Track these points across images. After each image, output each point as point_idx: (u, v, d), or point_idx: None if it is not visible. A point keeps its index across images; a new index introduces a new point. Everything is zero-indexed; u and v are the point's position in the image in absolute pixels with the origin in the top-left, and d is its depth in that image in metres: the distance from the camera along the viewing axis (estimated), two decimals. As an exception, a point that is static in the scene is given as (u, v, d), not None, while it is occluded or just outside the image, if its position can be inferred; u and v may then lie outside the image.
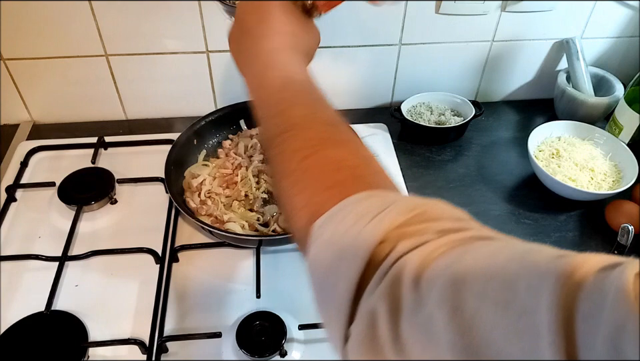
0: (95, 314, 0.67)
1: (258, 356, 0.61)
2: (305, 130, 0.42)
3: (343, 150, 0.40)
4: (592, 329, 0.21)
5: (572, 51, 0.96)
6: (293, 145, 0.41)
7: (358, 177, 0.38)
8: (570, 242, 0.79)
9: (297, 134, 0.41)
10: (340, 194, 0.35)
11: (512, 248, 0.27)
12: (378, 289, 0.29)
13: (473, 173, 0.91)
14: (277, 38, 0.51)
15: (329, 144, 0.40)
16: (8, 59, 0.89)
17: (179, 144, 0.82)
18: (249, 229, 0.76)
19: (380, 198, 0.34)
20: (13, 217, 0.80)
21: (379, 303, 0.29)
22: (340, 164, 0.39)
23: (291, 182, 0.40)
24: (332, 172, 0.38)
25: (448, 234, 0.31)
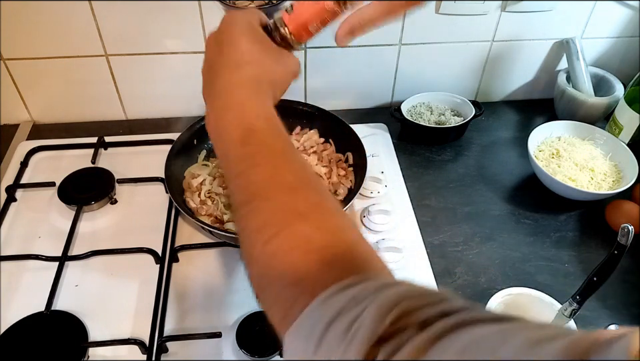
0: (95, 314, 0.67)
1: (258, 356, 0.61)
2: (265, 201, 0.39)
3: (306, 225, 0.37)
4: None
5: (572, 51, 0.96)
6: (254, 223, 0.38)
7: (326, 263, 0.35)
8: (570, 242, 0.79)
9: (257, 208, 0.39)
10: (308, 288, 0.33)
11: (507, 336, 0.24)
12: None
13: (472, 173, 0.91)
14: (238, 71, 0.47)
15: (291, 218, 0.37)
16: (8, 59, 0.89)
17: (179, 144, 0.82)
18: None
19: (350, 295, 0.31)
20: (13, 217, 0.80)
21: None
22: (305, 248, 0.36)
23: (257, 272, 0.37)
24: (297, 260, 0.35)
25: (429, 325, 0.27)
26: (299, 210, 0.38)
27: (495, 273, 0.75)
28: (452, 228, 0.81)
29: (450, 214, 0.83)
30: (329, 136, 0.89)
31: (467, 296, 0.71)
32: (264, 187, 0.40)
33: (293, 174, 0.41)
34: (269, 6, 0.86)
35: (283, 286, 0.35)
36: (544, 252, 0.78)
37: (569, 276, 0.75)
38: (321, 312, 0.31)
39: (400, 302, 0.29)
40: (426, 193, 0.87)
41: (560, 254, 0.78)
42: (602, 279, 0.55)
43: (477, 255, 0.77)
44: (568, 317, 0.58)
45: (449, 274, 0.74)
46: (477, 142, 0.98)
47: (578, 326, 0.59)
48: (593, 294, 0.56)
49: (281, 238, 0.36)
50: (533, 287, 0.63)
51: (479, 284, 0.73)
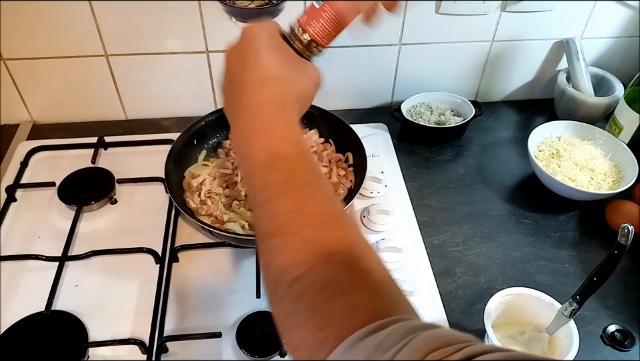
0: (95, 314, 0.67)
1: (258, 356, 0.61)
2: (292, 237, 0.37)
3: (334, 267, 0.36)
4: None
5: (572, 51, 0.96)
6: (279, 261, 0.37)
7: (352, 308, 0.34)
8: (570, 242, 0.79)
9: (283, 244, 0.37)
10: (333, 335, 0.32)
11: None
12: None
13: (472, 173, 0.91)
14: (263, 89, 0.44)
15: (319, 257, 0.36)
16: (8, 59, 0.89)
17: (179, 144, 0.82)
18: (249, 229, 0.76)
19: (375, 344, 0.30)
20: (13, 217, 0.80)
21: None
22: (332, 290, 0.35)
23: (282, 312, 0.37)
24: (323, 304, 0.34)
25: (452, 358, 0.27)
26: (327, 249, 0.36)
27: (495, 273, 0.75)
28: (452, 228, 0.81)
29: (450, 214, 0.83)
30: (329, 136, 0.89)
31: (466, 296, 0.71)
32: (290, 221, 0.38)
33: (321, 206, 0.40)
34: (268, 6, 0.86)
35: (308, 330, 0.34)
36: (544, 252, 0.78)
37: (569, 276, 0.75)
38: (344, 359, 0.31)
39: (428, 352, 0.28)
40: (426, 193, 0.87)
41: (560, 254, 0.78)
42: (602, 279, 0.55)
43: (477, 255, 0.77)
44: (568, 317, 0.58)
45: (449, 274, 0.74)
46: (477, 142, 0.98)
47: (578, 326, 0.59)
48: (592, 294, 0.56)
49: (307, 280, 0.35)
50: (533, 287, 0.63)
51: (479, 284, 0.73)
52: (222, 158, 0.86)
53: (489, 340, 0.59)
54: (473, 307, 0.70)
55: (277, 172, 0.40)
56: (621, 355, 0.66)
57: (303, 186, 0.40)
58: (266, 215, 0.39)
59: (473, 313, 0.69)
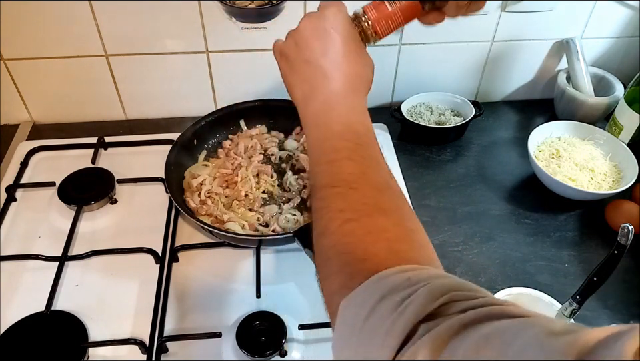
0: (95, 314, 0.67)
1: (258, 356, 0.61)
2: (353, 190, 0.42)
3: (385, 219, 0.40)
4: None
5: (572, 51, 0.96)
6: (337, 204, 0.41)
7: (394, 252, 0.38)
8: (570, 242, 0.79)
9: (343, 193, 0.42)
10: (373, 267, 0.36)
11: (526, 326, 0.27)
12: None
13: (472, 173, 0.91)
14: (342, 80, 0.49)
15: (373, 211, 0.41)
16: (8, 59, 0.89)
17: (179, 144, 0.82)
18: (249, 229, 0.76)
19: (406, 277, 0.34)
20: (13, 217, 0.80)
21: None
22: (379, 236, 0.39)
23: (329, 242, 0.40)
24: (370, 243, 0.38)
25: (466, 311, 0.30)
26: (382, 206, 0.41)
27: (495, 273, 0.75)
28: (452, 228, 0.81)
29: (450, 214, 0.83)
30: None
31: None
32: (354, 179, 0.43)
33: (381, 178, 0.44)
34: (268, 6, 0.86)
35: (349, 260, 0.38)
36: (544, 252, 0.78)
37: (569, 276, 0.75)
38: (377, 286, 0.34)
39: (450, 291, 0.32)
40: (426, 193, 0.87)
41: (560, 254, 0.78)
42: (602, 279, 0.55)
43: (477, 255, 0.77)
44: (568, 317, 0.58)
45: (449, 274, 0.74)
46: (477, 142, 0.98)
47: (578, 326, 0.59)
48: (592, 294, 0.56)
49: (360, 223, 0.39)
50: (533, 287, 0.63)
51: (479, 284, 0.73)
52: (222, 158, 0.86)
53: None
54: (472, 307, 0.70)
55: (348, 141, 0.46)
56: (621, 355, 0.65)
57: (367, 158, 0.45)
58: (331, 170, 0.44)
59: (472, 313, 0.69)
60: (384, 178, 0.45)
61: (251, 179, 0.81)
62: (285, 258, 0.75)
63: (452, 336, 0.28)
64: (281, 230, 0.75)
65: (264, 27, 0.89)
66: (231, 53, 0.93)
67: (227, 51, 0.92)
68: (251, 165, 0.83)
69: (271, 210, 0.78)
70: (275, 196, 0.81)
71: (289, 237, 0.71)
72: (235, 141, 0.89)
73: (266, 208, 0.78)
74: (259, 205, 0.79)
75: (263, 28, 0.89)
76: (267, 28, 0.89)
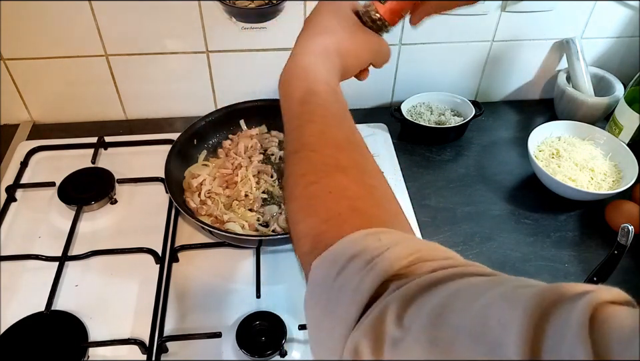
0: (95, 314, 0.67)
1: (258, 356, 0.61)
2: (313, 152, 0.43)
3: (346, 178, 0.41)
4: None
5: (572, 51, 0.96)
6: (300, 169, 0.43)
7: (356, 209, 0.39)
8: (570, 242, 0.79)
9: (305, 157, 0.43)
10: (337, 227, 0.37)
11: (494, 283, 0.28)
12: (362, 325, 0.30)
13: (472, 173, 0.91)
14: (312, 38, 0.52)
15: (333, 170, 0.42)
16: (8, 59, 0.89)
17: (179, 144, 0.82)
18: (249, 229, 0.76)
19: (377, 238, 0.35)
20: (13, 217, 0.80)
21: (362, 338, 0.30)
22: (341, 194, 0.40)
23: (295, 207, 0.42)
24: (332, 202, 0.39)
25: (436, 271, 0.32)
26: (341, 164, 0.42)
27: (495, 273, 0.75)
28: (452, 228, 0.81)
29: (450, 214, 0.83)
30: None
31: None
32: (313, 141, 0.44)
33: (341, 134, 0.45)
34: (268, 6, 0.86)
35: (315, 222, 0.39)
36: (544, 252, 0.78)
37: (569, 276, 0.74)
38: (346, 247, 0.35)
39: (420, 250, 0.33)
40: (426, 193, 0.87)
41: (560, 254, 0.78)
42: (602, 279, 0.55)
43: (477, 255, 0.77)
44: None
45: (449, 274, 0.74)
46: (477, 142, 0.98)
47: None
48: (592, 294, 0.56)
49: (321, 184, 0.41)
50: (533, 287, 0.63)
51: (479, 284, 0.73)
52: (222, 158, 0.86)
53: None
54: (472, 307, 0.70)
55: (309, 105, 0.47)
56: (621, 355, 0.65)
57: (328, 117, 0.46)
58: (295, 137, 0.46)
59: (472, 313, 0.69)
60: (345, 134, 0.45)
61: (251, 179, 0.81)
62: (285, 258, 0.75)
63: (421, 293, 0.29)
64: (281, 230, 0.75)
65: (264, 27, 0.89)
66: (230, 53, 0.93)
67: (227, 51, 0.92)
68: (251, 165, 0.83)
69: (271, 210, 0.78)
70: (275, 196, 0.81)
71: (289, 237, 0.71)
72: (235, 141, 0.89)
73: (266, 208, 0.78)
74: (259, 205, 0.79)
75: (262, 28, 0.89)
76: (267, 28, 0.89)
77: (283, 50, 0.93)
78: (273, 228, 0.76)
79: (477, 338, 0.25)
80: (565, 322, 0.22)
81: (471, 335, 0.25)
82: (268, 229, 0.76)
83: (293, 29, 0.90)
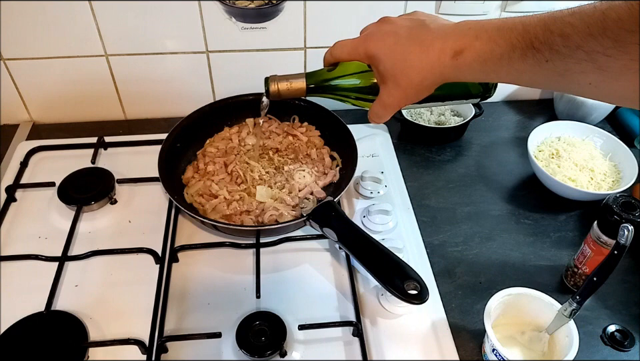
0: (95, 314, 0.67)
1: (258, 356, 0.61)
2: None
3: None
4: None
5: (572, 51, 0.96)
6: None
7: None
8: (570, 242, 0.79)
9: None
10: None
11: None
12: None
13: (472, 173, 0.91)
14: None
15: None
16: (8, 59, 0.89)
17: (170, 140, 0.83)
18: (279, 204, 0.78)
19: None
20: (13, 217, 0.80)
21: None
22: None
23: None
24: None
25: None
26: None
27: (495, 273, 0.75)
28: (452, 228, 0.81)
29: (450, 214, 0.83)
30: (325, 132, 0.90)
31: (466, 295, 0.71)
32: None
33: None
34: (268, 6, 0.86)
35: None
36: (544, 252, 0.78)
37: (569, 276, 0.74)
38: None
39: None
40: (426, 193, 0.87)
41: (560, 254, 0.78)
42: (602, 279, 0.55)
43: (476, 255, 0.77)
44: (568, 317, 0.58)
45: (449, 274, 0.74)
46: (477, 142, 0.98)
47: (578, 326, 0.59)
48: (592, 294, 0.56)
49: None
50: (533, 287, 0.63)
51: (479, 284, 0.73)
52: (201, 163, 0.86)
53: (489, 340, 0.59)
54: (472, 307, 0.70)
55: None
56: (621, 355, 0.66)
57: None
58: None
59: (472, 313, 0.69)
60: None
61: (248, 162, 0.84)
62: (285, 258, 0.75)
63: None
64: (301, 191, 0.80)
65: (264, 27, 0.89)
66: (230, 53, 0.93)
67: (227, 51, 0.93)
68: (235, 160, 0.84)
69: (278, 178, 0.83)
70: (279, 166, 0.85)
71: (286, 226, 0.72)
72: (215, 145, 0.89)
73: (276, 178, 0.82)
74: (269, 178, 0.83)
75: (262, 29, 0.89)
76: (267, 28, 0.89)
77: (283, 50, 0.93)
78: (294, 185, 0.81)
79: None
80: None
81: None
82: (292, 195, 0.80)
83: (293, 29, 0.91)
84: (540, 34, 0.43)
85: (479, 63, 0.49)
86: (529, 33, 0.44)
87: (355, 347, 0.64)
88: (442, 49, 0.51)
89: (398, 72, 0.54)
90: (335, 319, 0.67)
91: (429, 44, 0.52)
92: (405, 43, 0.53)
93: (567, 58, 0.42)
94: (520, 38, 0.45)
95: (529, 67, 0.45)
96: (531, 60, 0.45)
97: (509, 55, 0.46)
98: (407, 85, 0.54)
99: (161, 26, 0.88)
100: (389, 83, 0.55)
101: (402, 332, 0.66)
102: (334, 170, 0.85)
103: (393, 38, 0.54)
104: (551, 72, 0.44)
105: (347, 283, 0.71)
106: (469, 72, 0.51)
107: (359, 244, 0.67)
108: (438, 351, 0.64)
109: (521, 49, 0.45)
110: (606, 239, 0.66)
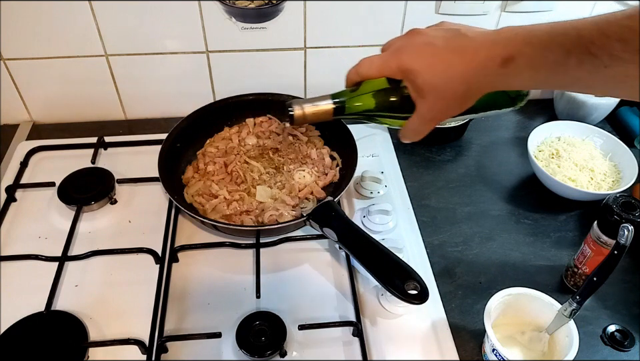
0: (95, 314, 0.67)
1: (258, 356, 0.61)
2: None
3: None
4: None
5: (572, 51, 0.96)
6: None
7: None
8: (570, 242, 0.79)
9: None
10: None
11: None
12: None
13: (473, 173, 0.91)
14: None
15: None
16: (8, 59, 0.89)
17: (171, 139, 0.83)
18: (279, 203, 0.78)
19: None
20: (13, 217, 0.80)
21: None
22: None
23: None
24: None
25: None
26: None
27: (495, 273, 0.75)
28: (452, 228, 0.81)
29: (450, 214, 0.83)
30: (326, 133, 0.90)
31: (466, 295, 0.71)
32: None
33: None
34: (268, 6, 0.86)
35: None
36: (544, 252, 0.78)
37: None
38: None
39: None
40: (426, 193, 0.87)
41: (560, 254, 0.78)
42: (602, 279, 0.55)
43: (476, 255, 0.77)
44: (568, 317, 0.58)
45: (449, 274, 0.74)
46: (477, 142, 0.98)
47: (578, 326, 0.59)
48: (592, 294, 0.56)
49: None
50: (533, 287, 0.63)
51: (479, 284, 0.73)
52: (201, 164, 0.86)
53: (489, 340, 0.59)
54: (472, 307, 0.70)
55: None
56: (621, 355, 0.66)
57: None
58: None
59: (472, 313, 0.69)
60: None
61: (248, 162, 0.84)
62: (285, 258, 0.75)
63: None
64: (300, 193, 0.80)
65: (264, 27, 0.89)
66: (230, 53, 0.93)
67: (227, 51, 0.93)
68: (235, 160, 0.84)
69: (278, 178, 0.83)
70: (279, 166, 0.85)
71: (284, 226, 0.72)
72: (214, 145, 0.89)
73: (276, 178, 0.83)
74: (269, 178, 0.83)
75: (262, 29, 0.89)
76: (267, 28, 0.89)
77: (283, 50, 0.93)
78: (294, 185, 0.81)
79: None
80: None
81: None
82: (291, 194, 0.80)
83: (293, 29, 0.91)
84: (596, 38, 0.42)
85: (530, 70, 0.47)
86: (583, 38, 0.43)
87: (355, 347, 0.64)
88: (489, 57, 0.48)
89: (440, 84, 0.51)
90: (334, 319, 0.67)
91: (472, 52, 0.49)
92: (445, 53, 0.51)
93: (628, 63, 0.40)
94: (575, 43, 0.43)
95: (586, 74, 0.43)
96: (589, 66, 0.43)
97: (564, 61, 0.44)
98: (451, 96, 0.52)
99: (160, 26, 0.88)
100: (428, 97, 0.52)
101: (402, 332, 0.66)
102: (334, 170, 0.85)
103: (430, 49, 0.52)
104: (610, 78, 0.43)
105: (347, 283, 0.71)
106: (519, 79, 0.48)
107: (359, 244, 0.67)
108: (438, 351, 0.64)
109: (576, 55, 0.43)
110: (606, 239, 0.66)
